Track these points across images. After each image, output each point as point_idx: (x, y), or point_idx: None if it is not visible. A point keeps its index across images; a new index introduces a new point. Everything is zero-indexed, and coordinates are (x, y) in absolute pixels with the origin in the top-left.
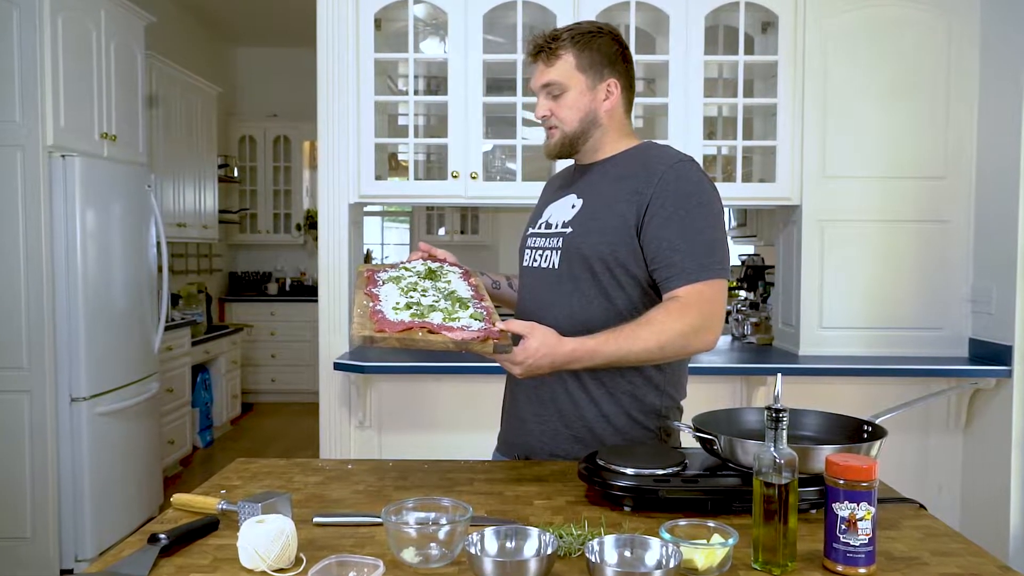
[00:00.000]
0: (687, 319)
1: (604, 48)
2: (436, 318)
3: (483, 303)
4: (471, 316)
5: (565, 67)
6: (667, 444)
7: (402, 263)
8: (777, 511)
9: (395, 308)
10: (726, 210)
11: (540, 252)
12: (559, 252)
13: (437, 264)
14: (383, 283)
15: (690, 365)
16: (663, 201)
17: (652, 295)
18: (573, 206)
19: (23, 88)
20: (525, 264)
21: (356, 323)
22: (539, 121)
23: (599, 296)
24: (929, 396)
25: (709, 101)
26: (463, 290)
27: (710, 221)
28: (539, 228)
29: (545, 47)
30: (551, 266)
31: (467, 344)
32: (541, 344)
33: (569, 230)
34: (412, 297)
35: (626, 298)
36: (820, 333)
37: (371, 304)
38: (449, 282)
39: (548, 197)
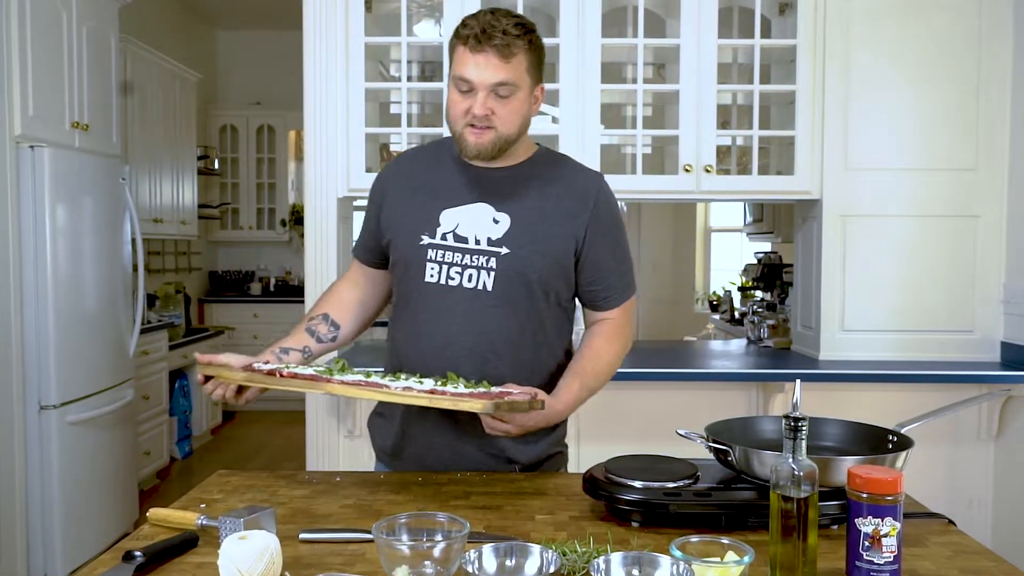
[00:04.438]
0: (622, 341)
1: (541, 49)
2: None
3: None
4: (465, 385)
5: (520, 68)
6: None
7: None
8: (796, 527)
9: (405, 392)
10: (743, 204)
11: (459, 270)
12: (493, 273)
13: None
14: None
15: (700, 370)
16: (599, 225)
17: (568, 313)
18: (496, 221)
19: None
20: (430, 280)
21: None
22: (469, 117)
23: (532, 320)
24: (959, 403)
25: (723, 88)
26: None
27: (626, 239)
28: (445, 240)
29: (500, 40)
30: (481, 287)
31: (511, 404)
32: (549, 417)
33: (504, 250)
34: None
35: (553, 320)
36: (841, 336)
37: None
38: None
39: (432, 200)
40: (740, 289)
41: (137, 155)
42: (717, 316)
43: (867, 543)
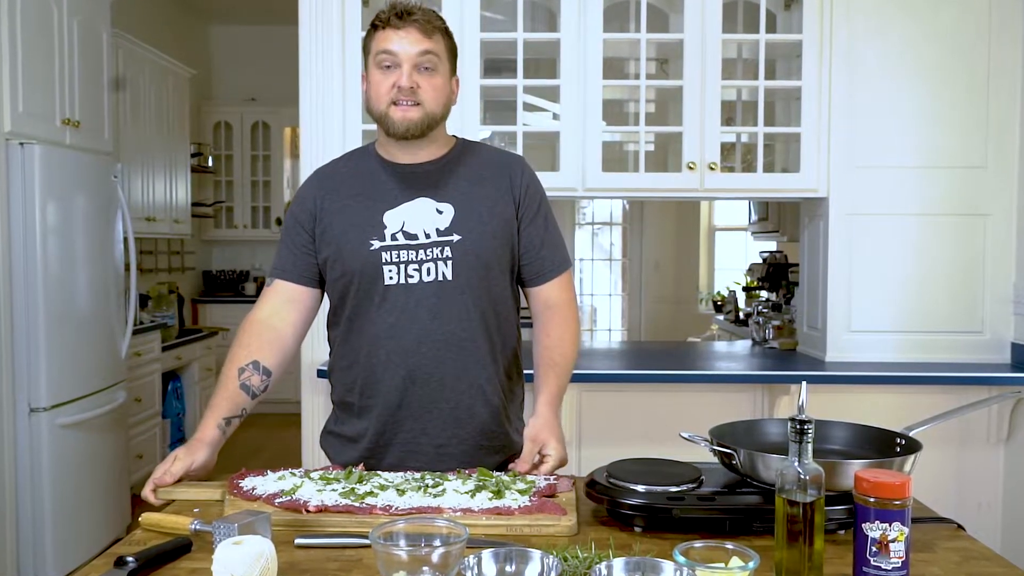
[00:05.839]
0: (575, 323)
1: (455, 43)
2: (508, 502)
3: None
4: (504, 484)
5: (440, 44)
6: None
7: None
8: (802, 532)
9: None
10: (747, 202)
11: (416, 266)
12: (450, 262)
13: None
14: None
15: (704, 372)
16: (530, 201)
17: (516, 289)
18: (440, 211)
19: None
20: (390, 282)
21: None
22: (394, 92)
23: (493, 299)
24: (968, 406)
25: (727, 84)
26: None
27: (553, 214)
28: (396, 240)
29: (420, 16)
30: (441, 278)
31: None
32: (555, 438)
33: (456, 237)
34: (423, 490)
35: (511, 295)
36: (848, 337)
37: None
38: (387, 482)
39: (372, 205)
40: (745, 289)
41: (129, 152)
42: (721, 316)
43: (874, 548)
